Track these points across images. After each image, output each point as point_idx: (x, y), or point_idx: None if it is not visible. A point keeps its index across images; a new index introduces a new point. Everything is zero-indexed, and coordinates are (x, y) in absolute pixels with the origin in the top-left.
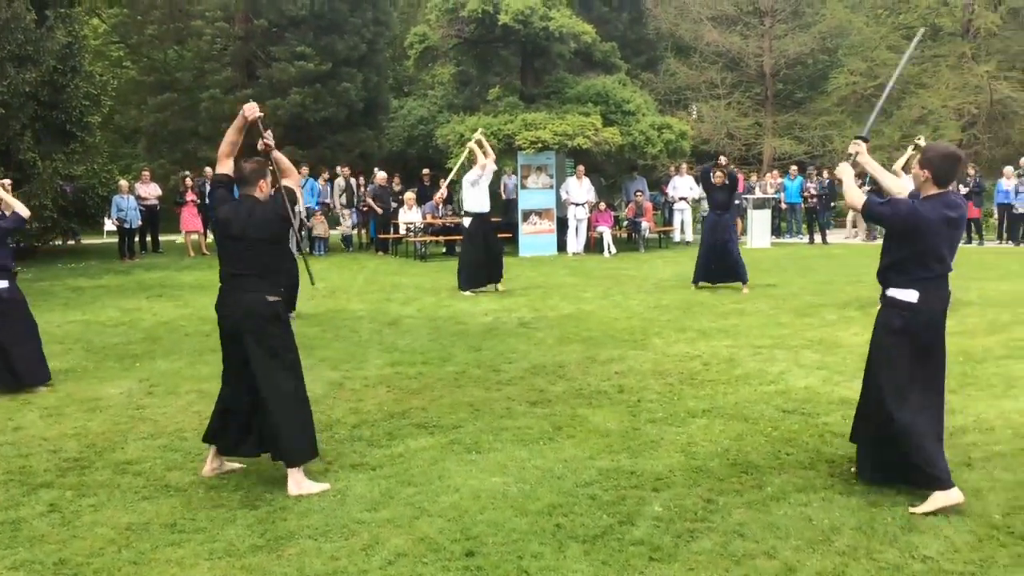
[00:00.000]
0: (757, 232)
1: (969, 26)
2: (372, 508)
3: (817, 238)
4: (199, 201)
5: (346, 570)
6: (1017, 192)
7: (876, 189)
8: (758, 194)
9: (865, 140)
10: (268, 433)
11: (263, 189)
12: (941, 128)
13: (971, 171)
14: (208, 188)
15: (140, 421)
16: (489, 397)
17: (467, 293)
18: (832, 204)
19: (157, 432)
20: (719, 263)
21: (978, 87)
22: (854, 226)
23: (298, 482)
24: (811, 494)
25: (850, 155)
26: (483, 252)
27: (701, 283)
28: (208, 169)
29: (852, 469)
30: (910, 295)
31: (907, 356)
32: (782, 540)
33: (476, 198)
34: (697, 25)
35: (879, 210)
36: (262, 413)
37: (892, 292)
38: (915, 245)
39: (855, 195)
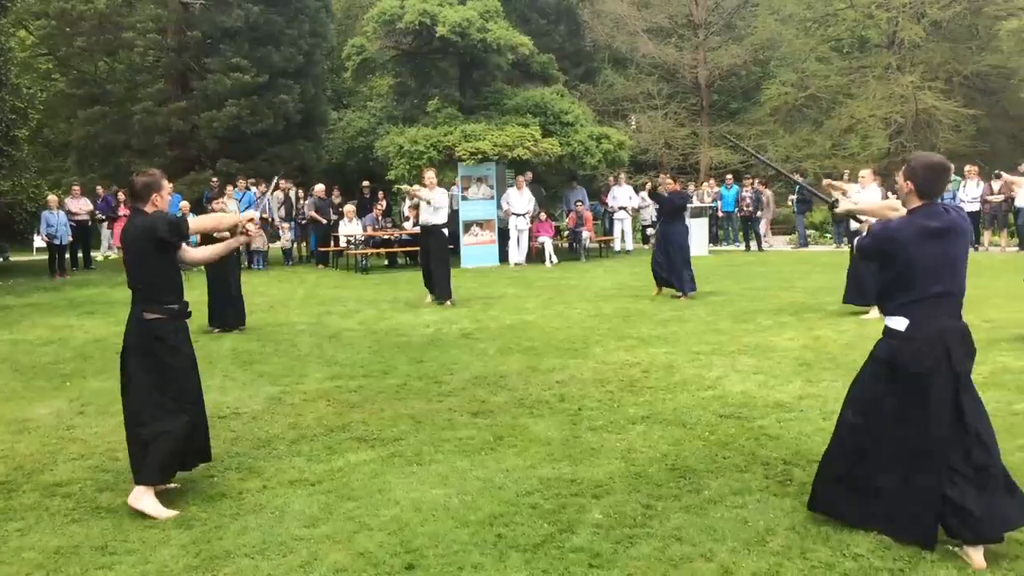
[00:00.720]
0: (695, 240)
1: (894, 38)
2: (311, 524)
3: (753, 245)
4: None
5: None
6: (943, 198)
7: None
8: (695, 203)
9: (834, 203)
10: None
11: (157, 204)
12: (870, 136)
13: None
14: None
15: (70, 442)
16: (430, 409)
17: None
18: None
19: (88, 453)
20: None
21: (903, 97)
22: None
23: (137, 497)
24: (747, 496)
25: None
26: (425, 264)
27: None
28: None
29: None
30: (899, 323)
31: (882, 390)
32: (719, 542)
33: (423, 211)
34: (633, 37)
35: (863, 244)
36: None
37: (886, 320)
38: (893, 266)
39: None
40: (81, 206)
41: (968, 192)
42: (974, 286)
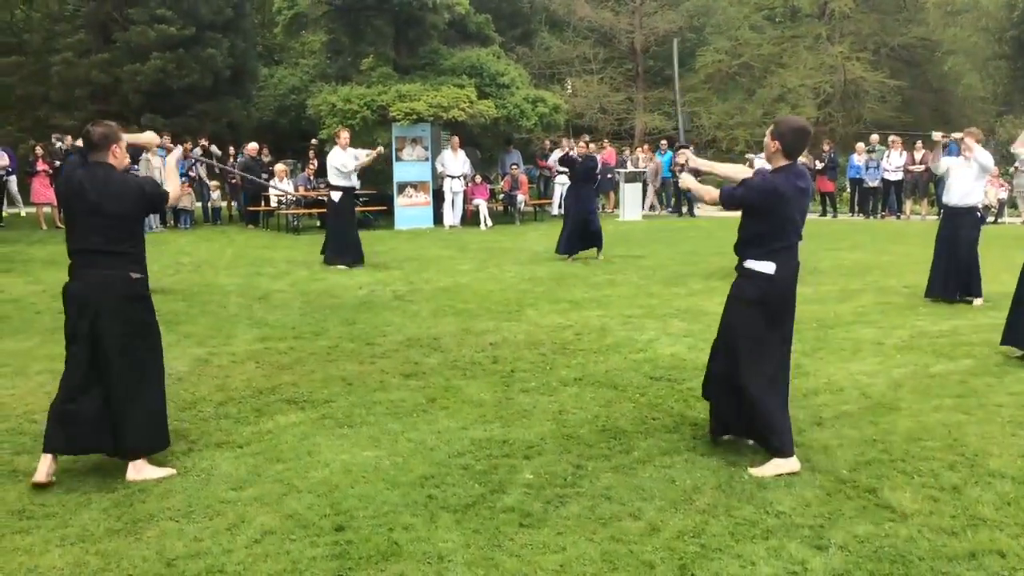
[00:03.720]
0: (629, 205)
1: (825, 8)
2: (238, 487)
3: (685, 210)
4: (51, 171)
5: (210, 551)
6: (868, 167)
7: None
8: (630, 168)
9: (686, 146)
10: (116, 424)
11: (117, 156)
12: (799, 106)
13: (826, 147)
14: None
15: None
16: (362, 371)
17: (340, 267)
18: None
19: (4, 415)
20: (584, 233)
21: (832, 67)
22: (652, 208)
23: (139, 469)
24: (675, 456)
25: (681, 166)
26: (353, 227)
27: (565, 254)
28: (68, 137)
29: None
30: (767, 267)
31: (762, 326)
32: (647, 501)
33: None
34: (570, 0)
35: (736, 194)
36: (111, 402)
37: (750, 263)
38: (773, 216)
39: (707, 193)
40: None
41: (892, 161)
42: (896, 253)
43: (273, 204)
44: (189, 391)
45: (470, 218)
